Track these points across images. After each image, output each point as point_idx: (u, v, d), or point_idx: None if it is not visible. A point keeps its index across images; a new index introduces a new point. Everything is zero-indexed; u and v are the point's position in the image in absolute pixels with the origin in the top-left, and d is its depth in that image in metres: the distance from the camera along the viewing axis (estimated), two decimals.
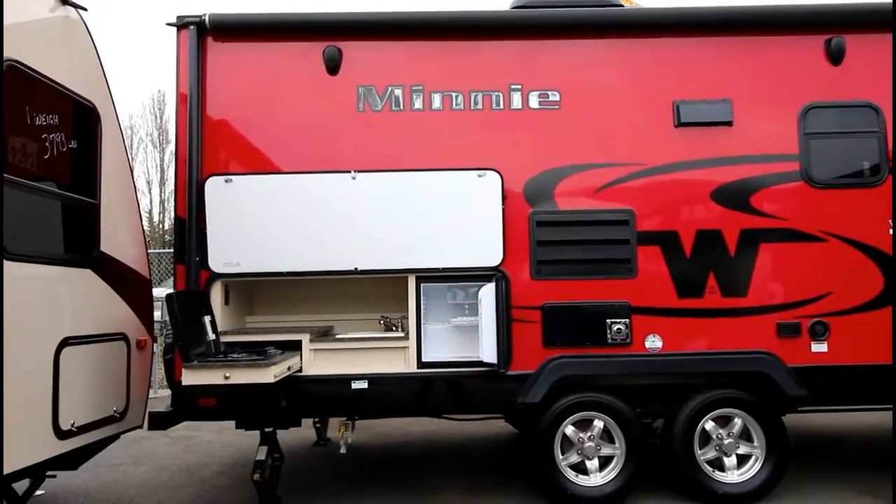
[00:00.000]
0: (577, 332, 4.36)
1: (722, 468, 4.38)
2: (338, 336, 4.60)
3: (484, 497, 4.62)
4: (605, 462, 4.39)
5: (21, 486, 4.01)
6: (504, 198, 4.37)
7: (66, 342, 3.74)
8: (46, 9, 3.90)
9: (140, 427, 4.52)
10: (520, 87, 4.55)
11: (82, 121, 4.18)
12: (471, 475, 5.15)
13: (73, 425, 3.75)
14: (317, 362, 4.35)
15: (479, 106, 4.54)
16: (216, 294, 4.40)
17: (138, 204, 4.81)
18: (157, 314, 5.02)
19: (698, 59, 4.59)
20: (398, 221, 4.36)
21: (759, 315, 4.39)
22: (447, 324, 4.46)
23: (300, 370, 4.30)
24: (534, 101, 4.55)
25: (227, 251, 4.33)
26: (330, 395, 4.36)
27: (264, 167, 4.46)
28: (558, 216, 4.44)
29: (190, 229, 4.32)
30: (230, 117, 4.50)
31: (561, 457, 4.36)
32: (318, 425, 6.17)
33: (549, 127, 4.52)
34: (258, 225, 4.33)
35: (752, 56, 4.58)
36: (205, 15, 4.45)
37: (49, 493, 4.82)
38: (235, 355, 3.93)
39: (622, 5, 4.80)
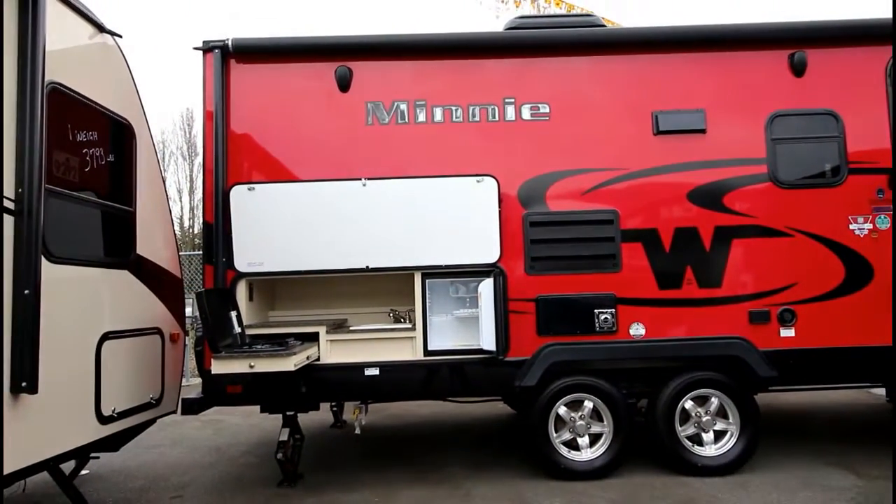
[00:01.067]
0: (567, 321, 4.33)
1: (701, 443, 4.35)
2: (351, 328, 4.57)
3: (485, 471, 4.59)
4: (594, 439, 4.36)
5: (68, 466, 3.99)
6: (500, 201, 4.34)
7: (106, 336, 3.71)
8: (85, 36, 3.88)
9: (174, 412, 4.50)
10: (513, 100, 4.52)
11: (119, 137, 4.16)
12: (473, 452, 5.12)
13: (113, 411, 3.73)
14: (333, 352, 4.33)
15: (477, 118, 4.51)
16: (241, 291, 4.37)
17: (170, 211, 4.79)
18: (188, 310, 4.99)
19: (674, 73, 4.55)
20: (405, 223, 4.32)
21: (733, 304, 4.35)
22: (450, 315, 4.43)
23: (318, 359, 4.28)
24: (526, 113, 4.52)
25: (250, 252, 4.30)
26: (345, 382, 4.32)
27: (283, 176, 4.43)
28: (550, 217, 4.41)
29: (217, 233, 4.30)
30: (252, 131, 4.47)
31: (555, 434, 4.34)
32: (334, 409, 6.15)
33: (541, 136, 4.48)
34: (278, 228, 4.31)
35: (723, 69, 4.54)
36: (228, 40, 4.42)
37: (93, 473, 4.79)
38: (259, 346, 3.90)
39: (605, 25, 4.78)
